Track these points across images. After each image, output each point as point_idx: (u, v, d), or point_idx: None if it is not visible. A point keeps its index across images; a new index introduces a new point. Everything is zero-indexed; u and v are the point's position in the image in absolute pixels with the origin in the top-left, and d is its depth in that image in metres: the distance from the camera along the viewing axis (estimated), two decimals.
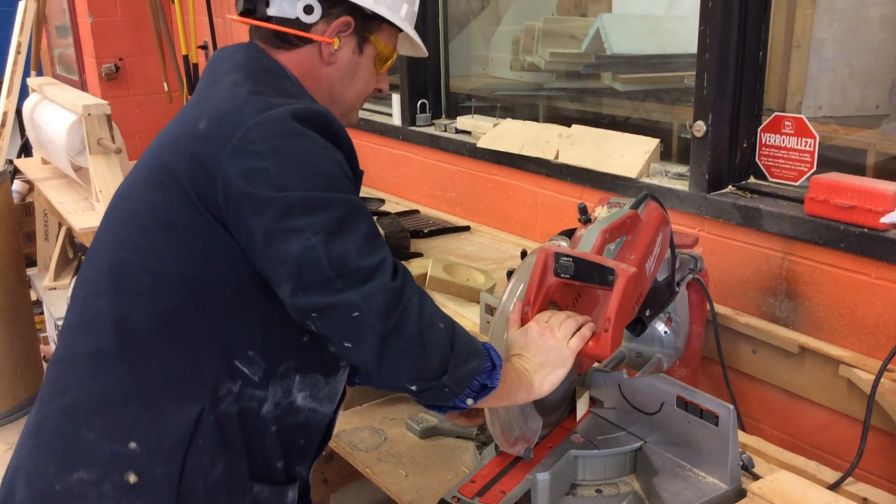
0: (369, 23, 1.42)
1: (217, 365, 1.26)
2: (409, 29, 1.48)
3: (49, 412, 1.28)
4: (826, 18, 2.34)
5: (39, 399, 1.32)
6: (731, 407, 1.45)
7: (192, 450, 1.24)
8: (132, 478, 1.22)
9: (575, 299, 1.54)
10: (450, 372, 1.23)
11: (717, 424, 1.48)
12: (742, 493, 1.47)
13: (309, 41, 1.38)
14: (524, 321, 1.44)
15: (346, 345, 1.20)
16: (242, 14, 1.40)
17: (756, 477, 1.53)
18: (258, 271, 1.23)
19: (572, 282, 1.47)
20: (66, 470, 1.23)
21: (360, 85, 1.46)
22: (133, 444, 1.22)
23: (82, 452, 1.23)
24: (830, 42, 2.35)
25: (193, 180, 1.22)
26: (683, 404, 1.54)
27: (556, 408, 1.66)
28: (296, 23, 1.37)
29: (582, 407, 1.68)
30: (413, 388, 1.24)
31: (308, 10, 1.36)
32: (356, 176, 1.32)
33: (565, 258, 1.44)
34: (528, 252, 1.59)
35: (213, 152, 1.20)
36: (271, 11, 1.37)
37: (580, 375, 1.68)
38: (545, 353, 1.38)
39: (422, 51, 1.56)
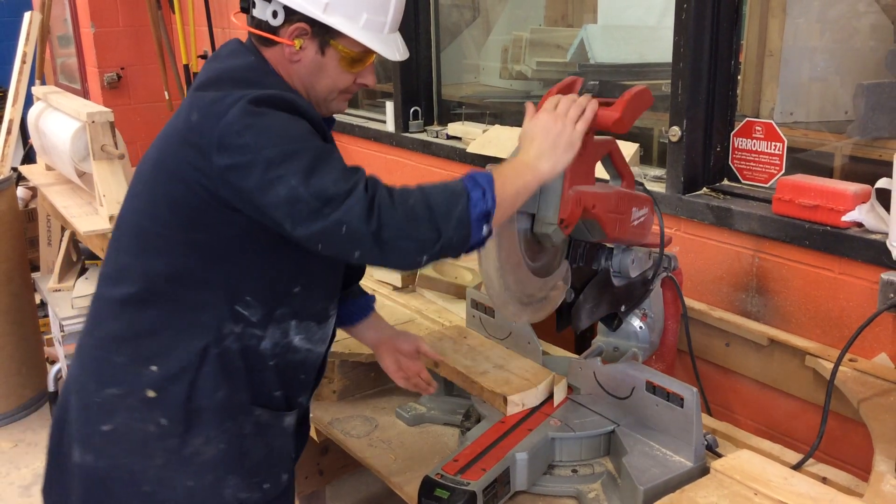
0: (328, 28, 1.53)
1: (221, 309, 1.51)
2: (367, 38, 1.55)
3: (88, 341, 1.59)
4: (796, 29, 2.46)
5: (82, 330, 1.64)
6: (695, 390, 1.56)
7: (199, 376, 1.51)
8: (151, 393, 1.50)
9: None
10: (443, 229, 1.37)
11: (682, 406, 1.59)
12: (706, 471, 1.58)
13: (278, 42, 1.55)
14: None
15: (354, 254, 1.39)
16: (242, 11, 1.61)
17: (719, 456, 1.64)
18: (265, 221, 1.43)
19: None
20: (102, 386, 1.53)
21: (327, 81, 1.58)
22: (154, 367, 1.51)
23: (113, 373, 1.53)
24: (801, 51, 2.47)
25: (190, 165, 1.44)
26: (652, 388, 1.65)
27: (550, 267, 1.71)
28: (266, 25, 1.54)
29: (559, 393, 1.78)
30: (425, 258, 1.40)
31: (274, 14, 1.53)
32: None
33: (592, 82, 1.57)
34: None
35: (203, 141, 1.41)
36: (255, 13, 1.56)
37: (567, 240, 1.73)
38: (555, 137, 1.49)
39: (394, 56, 1.60)
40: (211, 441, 1.53)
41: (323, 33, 1.54)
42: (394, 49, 1.60)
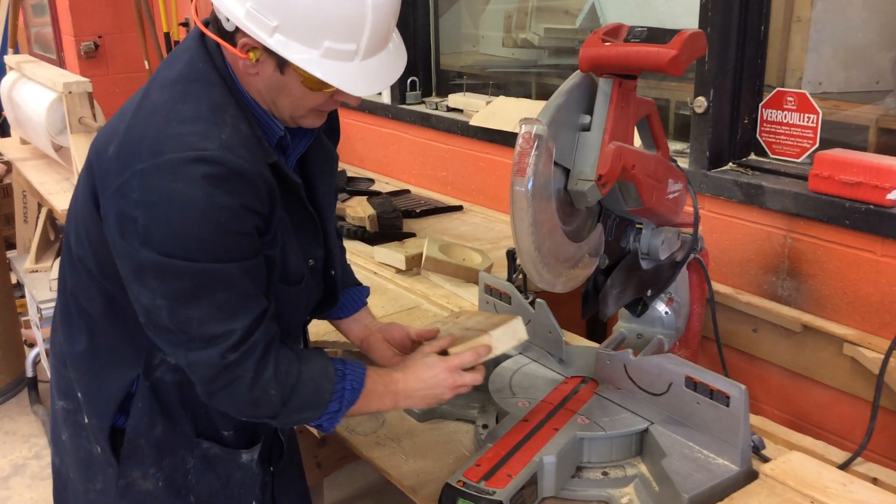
0: None
1: (149, 338, 1.32)
2: (327, 70, 1.22)
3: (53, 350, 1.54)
4: None
5: None
6: (743, 387, 1.42)
7: (133, 412, 1.40)
8: (85, 419, 1.45)
9: None
10: (280, 419, 1.34)
11: (727, 405, 1.44)
12: (753, 475, 1.44)
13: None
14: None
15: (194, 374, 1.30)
16: None
17: (765, 459, 1.50)
18: None
19: None
20: (56, 396, 1.52)
21: (291, 101, 1.30)
22: (79, 394, 1.44)
23: (63, 386, 1.49)
24: (832, 16, 2.32)
25: (94, 194, 1.28)
26: (692, 385, 1.51)
27: (582, 232, 1.57)
28: (219, 28, 1.26)
29: (507, 339, 1.56)
30: (243, 419, 1.37)
31: (227, 18, 1.23)
32: (272, 213, 1.28)
33: (640, 28, 1.47)
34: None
35: (103, 183, 1.24)
36: (216, 4, 1.24)
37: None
38: (429, 394, 1.45)
39: (359, 92, 1.28)
40: (149, 477, 1.45)
41: (276, 52, 1.23)
42: (366, 79, 1.26)
